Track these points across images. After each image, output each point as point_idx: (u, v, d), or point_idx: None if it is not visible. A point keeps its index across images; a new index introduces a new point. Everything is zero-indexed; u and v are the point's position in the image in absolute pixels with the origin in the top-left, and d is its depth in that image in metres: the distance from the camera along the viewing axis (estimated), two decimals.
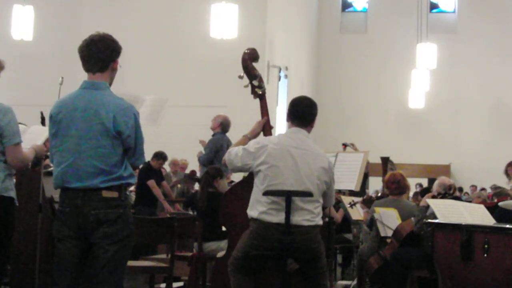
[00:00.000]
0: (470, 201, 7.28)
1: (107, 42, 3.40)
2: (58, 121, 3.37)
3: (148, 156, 9.17)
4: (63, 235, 3.34)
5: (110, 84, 3.47)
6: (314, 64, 22.89)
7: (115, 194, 3.31)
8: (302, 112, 4.15)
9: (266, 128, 4.52)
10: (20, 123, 4.13)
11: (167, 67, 14.84)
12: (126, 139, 3.33)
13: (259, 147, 4.02)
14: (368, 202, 7.34)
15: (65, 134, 3.35)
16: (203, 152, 8.46)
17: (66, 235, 3.33)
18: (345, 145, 8.56)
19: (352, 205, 7.59)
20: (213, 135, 8.35)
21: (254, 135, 4.40)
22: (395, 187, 6.50)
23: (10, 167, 3.87)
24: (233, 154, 4.10)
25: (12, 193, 3.84)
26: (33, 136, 4.38)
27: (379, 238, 6.25)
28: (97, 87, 3.38)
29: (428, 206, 5.52)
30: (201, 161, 8.37)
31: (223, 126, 8.35)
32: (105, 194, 3.29)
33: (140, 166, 9.44)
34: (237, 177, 9.41)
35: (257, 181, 4.02)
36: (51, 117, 3.42)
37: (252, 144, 4.07)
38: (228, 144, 7.79)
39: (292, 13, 18.65)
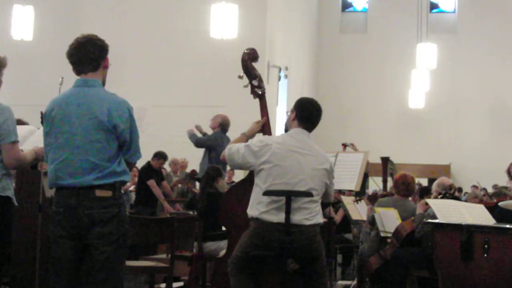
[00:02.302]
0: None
1: (94, 42, 3.41)
2: (51, 119, 3.37)
3: (148, 156, 9.21)
4: (58, 235, 3.32)
5: (104, 82, 3.47)
6: (314, 64, 22.89)
7: (109, 193, 3.29)
8: (315, 118, 4.14)
9: (265, 128, 4.52)
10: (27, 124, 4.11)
11: (167, 67, 14.84)
12: (121, 133, 3.32)
13: (263, 146, 4.02)
14: (373, 199, 7.33)
15: (58, 131, 3.34)
16: (199, 135, 8.55)
17: (61, 236, 3.31)
18: (345, 145, 8.56)
19: (358, 200, 7.58)
20: None
21: (253, 134, 4.40)
22: (404, 188, 6.50)
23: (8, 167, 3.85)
24: (234, 150, 4.08)
25: (9, 193, 3.82)
26: (39, 139, 4.36)
27: (379, 238, 6.24)
28: (90, 84, 3.38)
29: (424, 213, 5.54)
30: (192, 139, 8.40)
31: (222, 125, 8.34)
32: (99, 193, 3.27)
33: (141, 166, 9.45)
34: (238, 177, 9.40)
35: (258, 180, 4.02)
36: (44, 114, 3.43)
37: (255, 143, 4.06)
38: (228, 143, 7.79)
39: (292, 13, 18.65)
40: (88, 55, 3.38)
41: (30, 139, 4.23)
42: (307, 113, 4.14)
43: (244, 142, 4.18)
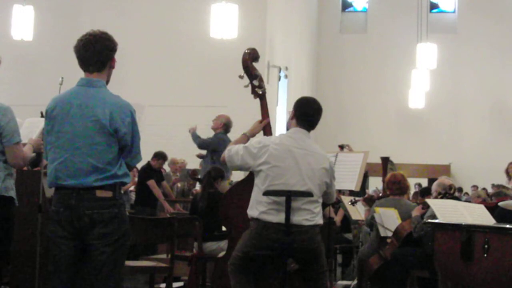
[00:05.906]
0: (470, 201, 7.28)
1: (104, 42, 3.36)
2: (53, 117, 3.34)
3: (148, 156, 9.20)
4: (57, 235, 3.30)
5: (108, 81, 3.44)
6: (314, 64, 22.89)
7: (109, 194, 3.27)
8: (312, 117, 4.13)
9: (266, 130, 4.52)
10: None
11: (167, 67, 14.84)
12: (123, 137, 3.30)
13: (261, 147, 4.02)
14: (370, 201, 7.34)
15: (60, 130, 3.31)
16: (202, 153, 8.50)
17: (60, 236, 3.29)
18: (341, 147, 8.58)
19: (354, 202, 7.57)
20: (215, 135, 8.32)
21: (254, 134, 4.41)
22: (396, 187, 6.51)
23: (10, 167, 3.87)
24: (234, 151, 4.09)
25: (12, 193, 3.85)
26: (28, 130, 4.41)
27: (379, 238, 6.25)
28: (94, 84, 3.35)
29: (422, 215, 5.54)
30: (196, 141, 8.34)
31: (225, 126, 8.29)
32: (99, 193, 3.25)
33: (140, 166, 9.45)
34: (237, 177, 9.40)
35: (258, 181, 4.02)
36: (46, 112, 3.39)
37: (253, 144, 4.06)
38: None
39: (292, 13, 18.65)
40: (96, 55, 3.33)
41: (20, 132, 4.24)
42: (305, 113, 4.14)
43: (245, 142, 4.19)
